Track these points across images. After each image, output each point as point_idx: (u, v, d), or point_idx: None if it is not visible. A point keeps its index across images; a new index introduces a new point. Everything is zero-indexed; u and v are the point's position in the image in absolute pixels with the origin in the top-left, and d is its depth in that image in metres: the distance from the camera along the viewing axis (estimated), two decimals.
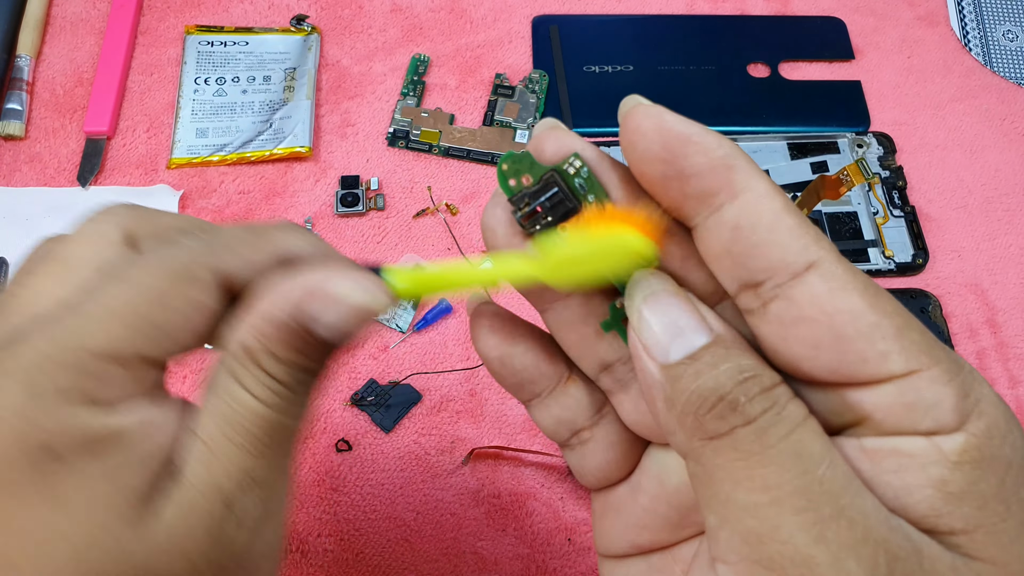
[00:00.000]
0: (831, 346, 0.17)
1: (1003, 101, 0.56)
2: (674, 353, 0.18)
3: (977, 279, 0.51)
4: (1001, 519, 0.16)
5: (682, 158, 0.18)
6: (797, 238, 0.18)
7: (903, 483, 0.17)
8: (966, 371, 0.17)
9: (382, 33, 0.57)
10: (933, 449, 0.17)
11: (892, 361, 0.17)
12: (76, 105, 0.53)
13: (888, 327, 0.17)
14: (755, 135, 0.54)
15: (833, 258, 0.18)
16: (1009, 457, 0.17)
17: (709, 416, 0.17)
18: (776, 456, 0.16)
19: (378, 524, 0.43)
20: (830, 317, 0.17)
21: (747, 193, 0.18)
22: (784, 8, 0.60)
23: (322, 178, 0.52)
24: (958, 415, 0.17)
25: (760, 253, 0.18)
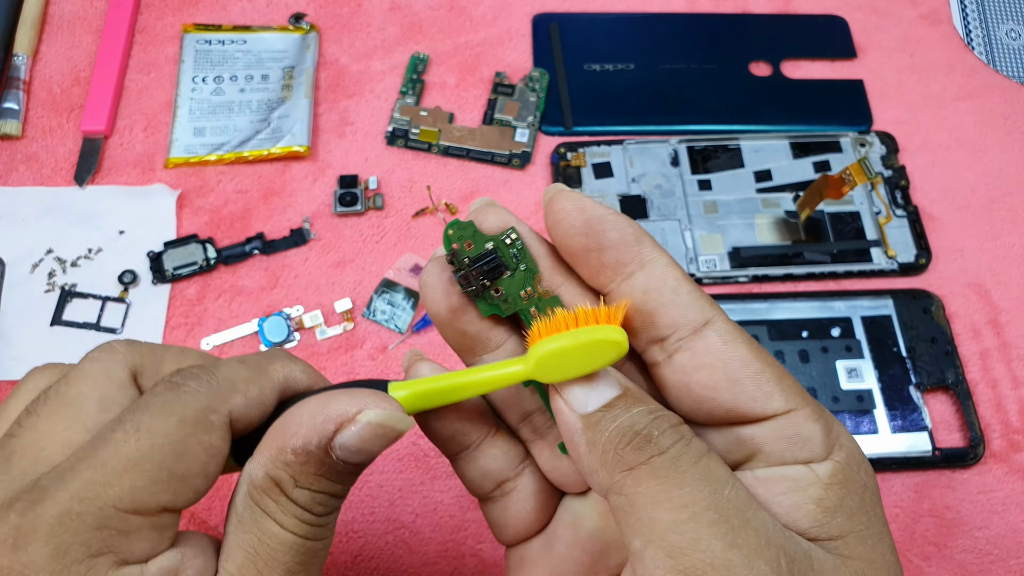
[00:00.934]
0: (727, 388, 0.21)
1: (1006, 100, 0.56)
2: (591, 405, 0.21)
3: (980, 279, 0.50)
4: (865, 527, 0.20)
5: (599, 234, 0.22)
6: (695, 300, 0.22)
7: (791, 502, 0.20)
8: (827, 412, 0.22)
9: (381, 31, 0.57)
10: (810, 474, 0.21)
11: (775, 400, 0.21)
12: (73, 104, 0.53)
13: (770, 373, 0.21)
14: (757, 134, 0.54)
15: (723, 318, 0.22)
16: (864, 480, 0.21)
17: (628, 449, 0.20)
18: (689, 479, 0.19)
19: (377, 526, 0.43)
20: (725, 364, 0.21)
21: (653, 263, 0.22)
22: (786, 6, 0.59)
23: (320, 177, 0.52)
24: (826, 447, 0.21)
25: (666, 312, 0.22)
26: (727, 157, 0.53)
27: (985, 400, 0.47)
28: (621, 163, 0.52)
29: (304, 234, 0.49)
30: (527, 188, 0.52)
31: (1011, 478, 0.45)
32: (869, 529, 0.21)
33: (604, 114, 0.54)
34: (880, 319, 0.48)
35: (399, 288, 0.48)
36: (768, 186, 0.52)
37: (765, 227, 0.51)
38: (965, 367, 0.47)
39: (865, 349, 0.47)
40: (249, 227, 0.50)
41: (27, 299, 0.47)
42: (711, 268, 0.49)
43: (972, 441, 0.45)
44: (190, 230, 0.50)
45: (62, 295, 0.47)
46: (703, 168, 0.52)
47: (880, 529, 0.21)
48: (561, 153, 0.52)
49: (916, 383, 0.46)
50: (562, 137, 0.54)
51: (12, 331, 0.46)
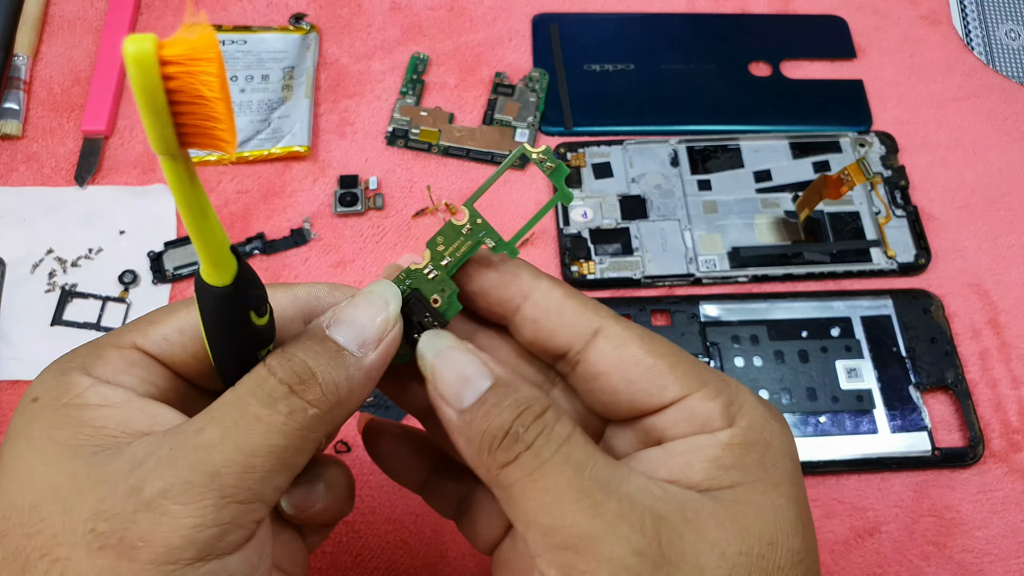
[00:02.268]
0: (625, 389, 0.23)
1: (1006, 100, 0.56)
2: (467, 399, 0.22)
3: (980, 279, 0.50)
4: (759, 478, 0.22)
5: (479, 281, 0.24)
6: (580, 314, 0.24)
7: (686, 460, 0.22)
8: (732, 386, 0.24)
9: (381, 32, 0.57)
10: (711, 439, 0.23)
11: (669, 391, 0.23)
12: (73, 104, 0.53)
13: (662, 366, 0.23)
14: (756, 134, 0.54)
15: (612, 321, 0.24)
16: (768, 440, 0.23)
17: (499, 450, 0.21)
18: (551, 466, 0.21)
19: (377, 527, 0.43)
20: (618, 367, 0.23)
21: (534, 292, 0.24)
22: (786, 6, 0.59)
23: (321, 177, 0.52)
24: (726, 418, 0.23)
25: (556, 334, 0.24)
26: (727, 157, 0.53)
27: (984, 400, 0.47)
28: (621, 163, 0.52)
29: (304, 234, 0.50)
30: (527, 188, 0.52)
31: (1010, 478, 0.45)
32: (764, 480, 0.22)
33: (604, 114, 0.54)
34: (880, 319, 0.48)
35: None
36: (768, 186, 0.52)
37: (765, 227, 0.51)
38: (965, 367, 0.47)
39: (865, 349, 0.47)
40: (249, 227, 0.50)
41: (27, 299, 0.47)
42: (711, 268, 0.49)
43: (971, 441, 0.45)
44: None
45: (62, 295, 0.47)
46: (703, 168, 0.52)
47: (778, 479, 0.22)
48: (561, 153, 0.52)
49: (916, 383, 0.46)
50: (562, 137, 0.54)
51: (12, 331, 0.46)
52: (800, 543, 0.22)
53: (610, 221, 0.50)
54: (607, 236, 0.50)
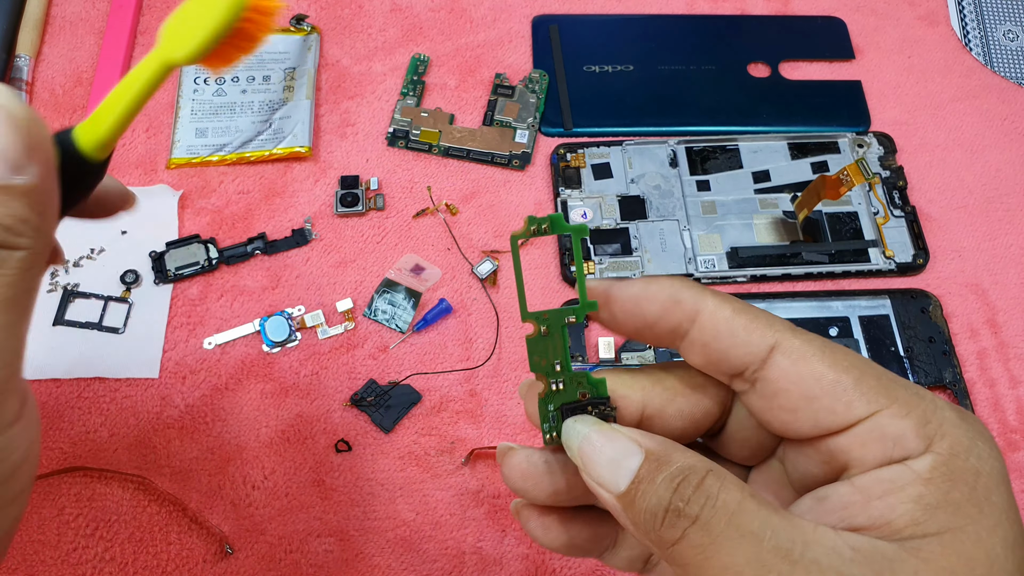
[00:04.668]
0: (806, 407, 0.21)
1: (1003, 101, 0.56)
2: (622, 482, 0.21)
3: (978, 279, 0.50)
4: (973, 520, 0.19)
5: (640, 315, 0.23)
6: (752, 332, 0.22)
7: (887, 504, 0.20)
8: (927, 401, 0.21)
9: (382, 33, 0.57)
10: (907, 472, 0.20)
11: (855, 408, 0.21)
12: (75, 105, 0.53)
13: (847, 381, 0.21)
14: (755, 135, 0.54)
15: (789, 335, 0.22)
16: (976, 467, 0.20)
17: (663, 528, 0.20)
18: (725, 541, 0.19)
19: (378, 524, 0.43)
20: (798, 385, 0.21)
21: (701, 315, 0.22)
22: (784, 8, 0.59)
23: (322, 178, 0.52)
24: (922, 440, 0.20)
25: (730, 357, 0.22)
26: (725, 158, 0.53)
27: (982, 399, 0.47)
28: (620, 164, 0.53)
29: (305, 234, 0.50)
30: (527, 189, 0.52)
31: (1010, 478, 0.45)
32: (977, 522, 0.19)
33: (603, 115, 0.55)
34: (878, 319, 0.48)
35: (400, 288, 0.48)
36: (766, 187, 0.52)
37: (763, 227, 0.51)
38: (963, 366, 0.48)
39: (863, 348, 0.47)
40: (251, 227, 0.50)
41: None
42: (710, 268, 0.49)
43: None
44: (192, 230, 0.50)
45: (64, 295, 0.48)
46: (702, 169, 0.53)
47: (994, 520, 0.20)
48: (561, 154, 0.53)
49: (914, 382, 0.47)
50: (562, 138, 0.54)
51: None
52: None
53: (609, 221, 0.51)
54: (607, 236, 0.50)
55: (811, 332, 0.22)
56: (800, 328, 0.22)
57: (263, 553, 0.42)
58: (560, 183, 0.52)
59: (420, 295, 0.48)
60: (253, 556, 0.42)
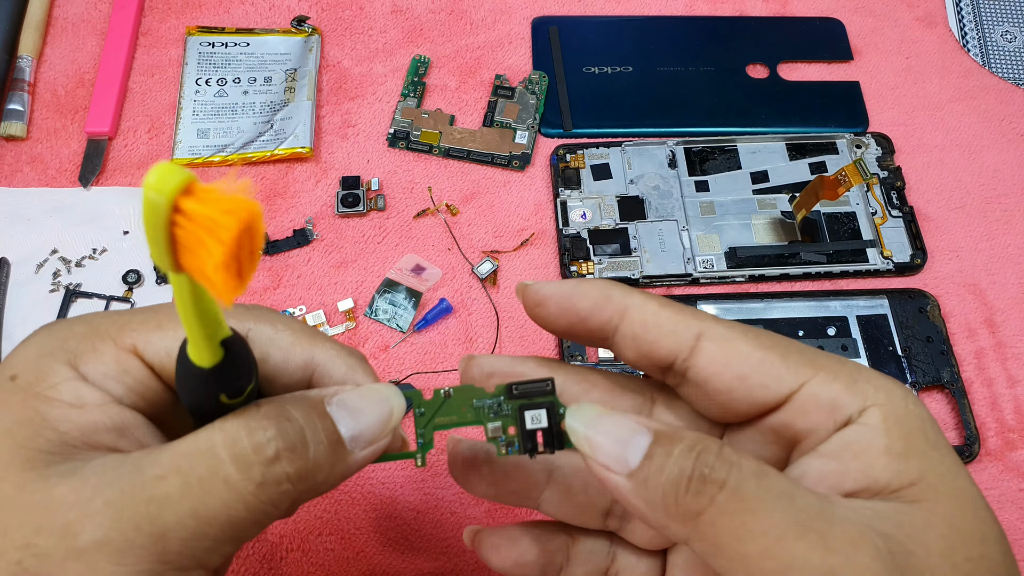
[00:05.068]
0: (739, 386, 0.22)
1: (1001, 102, 0.57)
2: (632, 460, 0.20)
3: (975, 279, 0.51)
4: (938, 461, 0.20)
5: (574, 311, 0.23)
6: (679, 323, 0.23)
7: (864, 463, 0.20)
8: (849, 365, 0.22)
9: (383, 34, 0.57)
10: (864, 429, 0.21)
11: (785, 380, 0.21)
12: (77, 106, 0.54)
13: (773, 357, 0.22)
14: (754, 136, 0.54)
15: (713, 322, 0.23)
16: (916, 412, 0.21)
17: (688, 496, 0.19)
18: (758, 503, 0.19)
19: (379, 523, 0.43)
20: (728, 367, 0.22)
21: (629, 310, 0.23)
22: (783, 9, 0.60)
23: (323, 179, 0.52)
24: (857, 397, 0.21)
25: (658, 345, 0.23)
26: (724, 159, 0.53)
27: (980, 399, 0.47)
28: (619, 164, 0.53)
29: (307, 234, 0.50)
30: (527, 190, 0.52)
31: (1006, 476, 0.45)
32: (943, 462, 0.20)
33: (603, 116, 0.55)
34: (876, 318, 0.49)
35: (401, 288, 0.48)
36: (765, 187, 0.53)
37: (762, 228, 0.51)
38: (960, 366, 0.48)
39: (861, 348, 0.48)
40: None
41: (32, 299, 0.48)
42: (708, 268, 0.50)
43: (967, 440, 0.45)
44: None
45: (67, 295, 0.48)
46: (700, 169, 0.53)
47: (953, 459, 0.20)
48: (560, 155, 0.53)
49: (912, 382, 0.47)
50: (561, 139, 0.54)
51: (17, 331, 0.47)
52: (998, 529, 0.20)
53: (608, 222, 0.51)
54: (606, 236, 0.50)
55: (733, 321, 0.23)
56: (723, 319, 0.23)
57: (264, 552, 0.42)
58: (559, 184, 0.52)
59: (421, 295, 0.48)
60: (254, 555, 0.42)
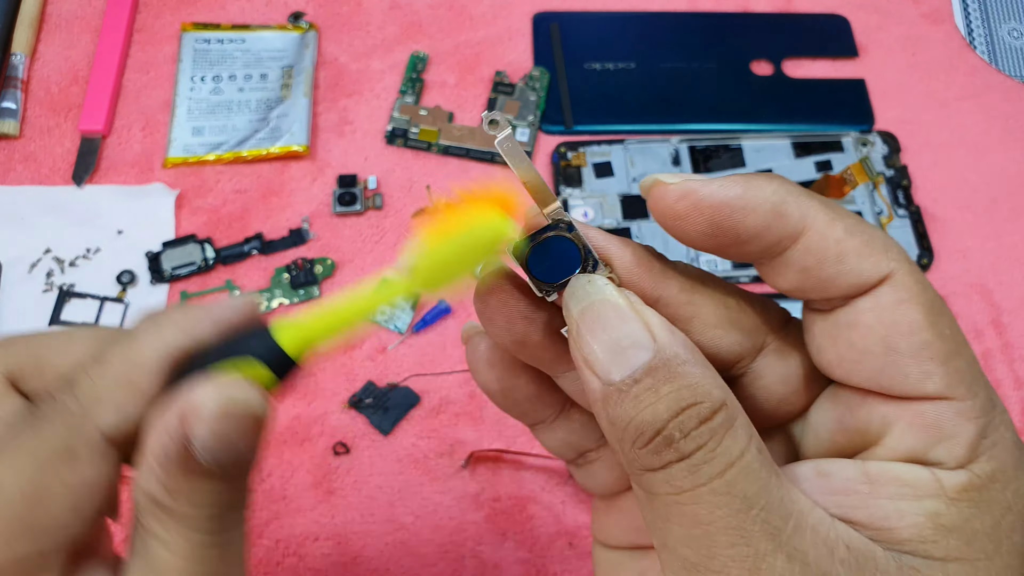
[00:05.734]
0: (879, 355, 0.18)
1: (1008, 100, 0.56)
2: (616, 372, 0.17)
3: (982, 279, 0.50)
4: (987, 556, 0.17)
5: (732, 229, 0.18)
6: (866, 258, 0.18)
7: (896, 508, 0.17)
8: (998, 411, 0.18)
9: (380, 30, 0.56)
10: (933, 482, 0.17)
11: (931, 382, 0.17)
12: (71, 103, 0.53)
13: (939, 349, 0.17)
14: (758, 133, 0.53)
15: (906, 269, 0.18)
16: (1010, 502, 0.17)
17: (645, 451, 0.17)
18: (707, 494, 0.16)
19: (376, 528, 0.42)
20: (887, 326, 0.18)
21: (808, 233, 0.18)
22: (788, 5, 0.59)
23: (319, 177, 0.51)
24: (969, 452, 0.17)
25: (834, 284, 0.18)
26: (728, 157, 0.53)
27: None
28: (622, 162, 0.52)
29: (303, 234, 0.49)
30: None
31: None
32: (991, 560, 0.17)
33: (605, 113, 0.54)
34: None
35: None
36: None
37: None
38: None
39: None
40: (248, 227, 0.50)
41: (25, 299, 0.47)
42: (713, 268, 0.49)
43: None
44: (189, 230, 0.49)
45: (60, 295, 0.47)
46: (704, 168, 0.52)
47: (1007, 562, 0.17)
48: (561, 152, 0.52)
49: None
50: (562, 136, 0.53)
51: (9, 331, 0.46)
52: None
53: (611, 221, 0.50)
54: None
55: (924, 277, 0.19)
56: (917, 267, 0.19)
57: (260, 557, 0.41)
58: (561, 182, 0.51)
59: (419, 296, 0.47)
60: (251, 559, 0.41)
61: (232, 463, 0.19)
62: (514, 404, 0.22)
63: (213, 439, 0.18)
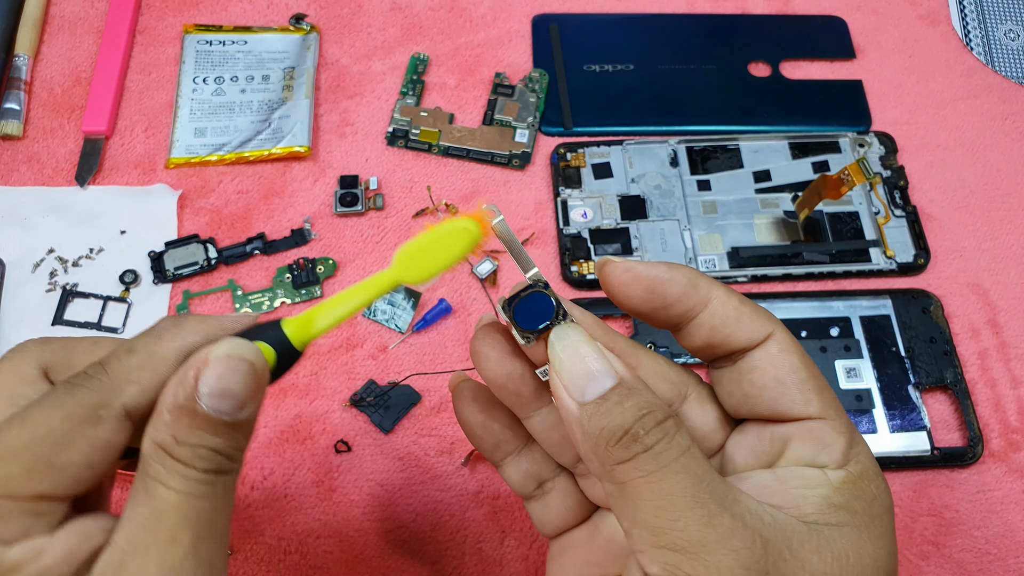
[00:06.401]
0: (773, 388, 0.25)
1: (1004, 100, 0.56)
2: (589, 394, 0.23)
3: (979, 279, 0.50)
4: (865, 526, 0.23)
5: (661, 295, 0.25)
6: (755, 319, 0.25)
7: (801, 494, 0.23)
8: (856, 431, 0.25)
9: (381, 32, 0.57)
10: (823, 476, 0.24)
11: (812, 405, 0.24)
12: (74, 105, 0.53)
13: (813, 384, 0.25)
14: (756, 134, 0.54)
15: (782, 329, 0.25)
16: (875, 493, 0.24)
17: (617, 447, 0.22)
18: (669, 472, 0.21)
19: (378, 526, 0.43)
20: (776, 368, 0.25)
21: (712, 301, 0.25)
22: (785, 7, 0.59)
23: (321, 178, 0.52)
24: (843, 456, 0.24)
25: (733, 340, 0.25)
26: (726, 157, 0.53)
27: (984, 400, 0.47)
28: (620, 163, 0.52)
29: (305, 234, 0.50)
30: (527, 188, 0.52)
31: (1009, 477, 0.45)
32: (869, 527, 0.23)
33: (604, 115, 0.54)
34: (879, 319, 0.48)
35: (399, 288, 0.48)
36: (767, 186, 0.52)
37: (764, 227, 0.51)
38: (964, 367, 0.47)
39: (864, 349, 0.47)
40: (250, 227, 0.50)
41: (28, 299, 0.47)
42: (710, 268, 0.49)
43: (971, 441, 0.45)
44: (191, 230, 0.50)
45: (63, 295, 0.47)
46: (702, 168, 0.53)
47: (880, 532, 0.23)
48: (561, 153, 0.52)
49: (915, 383, 0.47)
50: (562, 138, 0.54)
51: (13, 331, 0.47)
52: None
53: (610, 221, 0.51)
54: (607, 236, 0.50)
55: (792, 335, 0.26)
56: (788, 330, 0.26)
57: (262, 555, 0.42)
58: (560, 183, 0.51)
59: (420, 295, 0.48)
60: (252, 557, 0.42)
61: (229, 414, 0.22)
62: (490, 434, 0.28)
63: (216, 382, 0.22)
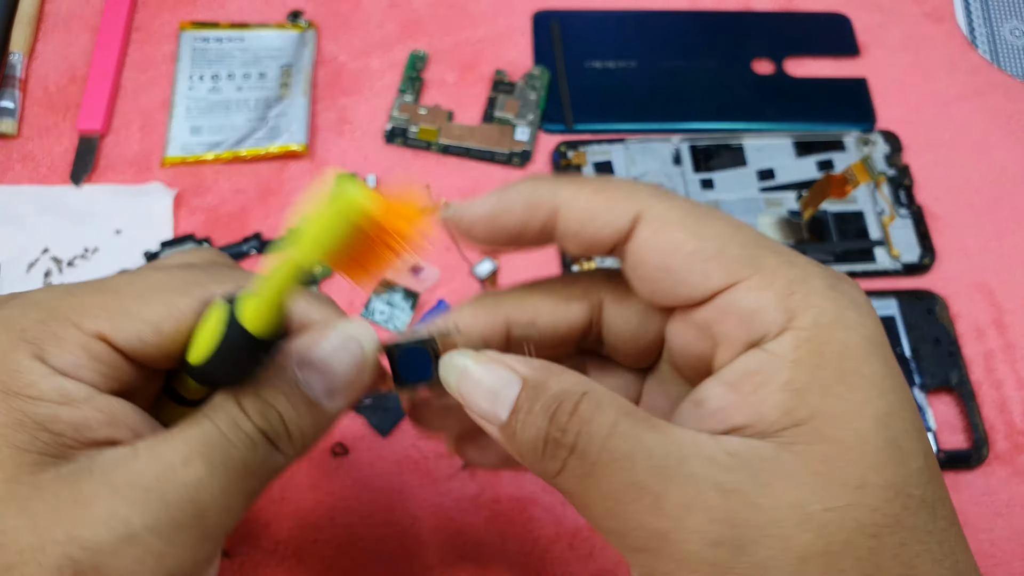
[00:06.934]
0: (663, 277, 0.21)
1: (1010, 99, 0.56)
2: (502, 413, 0.21)
3: (985, 279, 0.50)
4: (841, 398, 0.18)
5: (505, 230, 0.23)
6: (613, 208, 0.21)
7: (759, 398, 0.19)
8: (797, 268, 0.20)
9: (379, 29, 0.56)
10: (772, 358, 0.19)
11: (712, 278, 0.20)
12: (69, 103, 0.53)
13: (708, 250, 0.20)
14: (760, 132, 0.53)
15: (652, 202, 0.21)
16: (843, 338, 0.19)
17: (545, 459, 0.20)
18: (600, 468, 0.19)
19: (375, 530, 0.42)
20: (657, 255, 0.21)
21: (561, 209, 0.22)
22: (789, 4, 0.59)
23: (318, 176, 0.51)
24: (782, 313, 0.19)
25: (601, 238, 0.22)
26: (730, 156, 0.52)
27: (989, 402, 0.46)
28: (622, 162, 0.52)
29: None
30: None
31: (1015, 480, 0.45)
32: (846, 401, 0.19)
33: (605, 112, 0.54)
34: (883, 320, 0.48)
35: (397, 289, 0.47)
36: (771, 185, 0.52)
37: (768, 226, 0.50)
38: (969, 368, 0.47)
39: None
40: (246, 227, 0.50)
41: None
42: None
43: (976, 443, 0.45)
44: (187, 230, 0.49)
45: None
46: (705, 167, 0.52)
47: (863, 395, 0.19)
48: (562, 152, 0.52)
49: (919, 384, 0.46)
50: (563, 135, 0.53)
51: None
52: (893, 472, 0.18)
53: None
54: None
55: (681, 196, 0.21)
56: (670, 192, 0.21)
57: (259, 559, 0.41)
58: None
59: (418, 296, 0.47)
60: (249, 562, 0.41)
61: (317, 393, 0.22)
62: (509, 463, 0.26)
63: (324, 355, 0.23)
